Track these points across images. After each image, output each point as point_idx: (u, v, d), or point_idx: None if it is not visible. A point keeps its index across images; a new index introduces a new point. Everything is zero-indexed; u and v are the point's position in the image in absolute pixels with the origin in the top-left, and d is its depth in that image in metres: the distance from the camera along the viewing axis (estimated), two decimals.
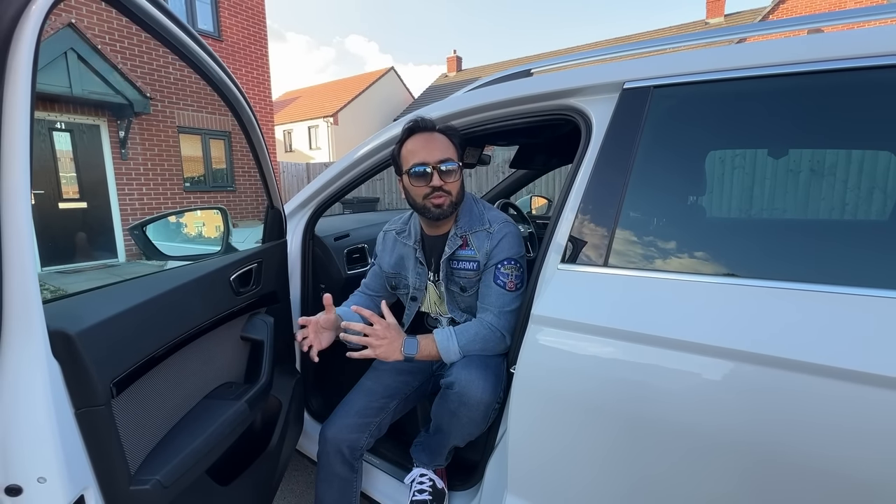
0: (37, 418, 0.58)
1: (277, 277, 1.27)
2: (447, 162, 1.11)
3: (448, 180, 1.11)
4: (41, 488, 0.58)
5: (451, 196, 1.13)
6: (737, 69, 0.82)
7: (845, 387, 0.62)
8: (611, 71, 0.98)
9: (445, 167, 1.10)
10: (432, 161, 1.10)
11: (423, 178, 1.11)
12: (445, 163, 1.11)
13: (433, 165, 1.10)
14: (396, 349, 1.06)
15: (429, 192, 1.11)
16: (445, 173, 1.11)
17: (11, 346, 0.55)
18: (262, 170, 1.17)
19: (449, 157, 1.12)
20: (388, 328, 1.07)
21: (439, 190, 1.11)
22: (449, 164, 1.11)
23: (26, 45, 0.48)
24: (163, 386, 0.85)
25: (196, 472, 0.86)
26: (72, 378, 0.62)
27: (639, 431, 0.78)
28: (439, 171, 1.10)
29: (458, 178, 1.14)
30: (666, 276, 0.81)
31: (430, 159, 1.10)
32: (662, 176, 0.91)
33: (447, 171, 1.11)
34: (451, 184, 1.12)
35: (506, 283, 1.11)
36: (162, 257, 1.27)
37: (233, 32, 7.85)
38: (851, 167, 0.85)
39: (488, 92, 1.16)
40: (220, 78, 0.94)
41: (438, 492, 1.18)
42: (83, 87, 5.64)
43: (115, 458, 0.68)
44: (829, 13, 0.92)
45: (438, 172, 1.10)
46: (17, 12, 0.47)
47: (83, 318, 0.65)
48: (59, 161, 5.95)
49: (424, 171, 1.10)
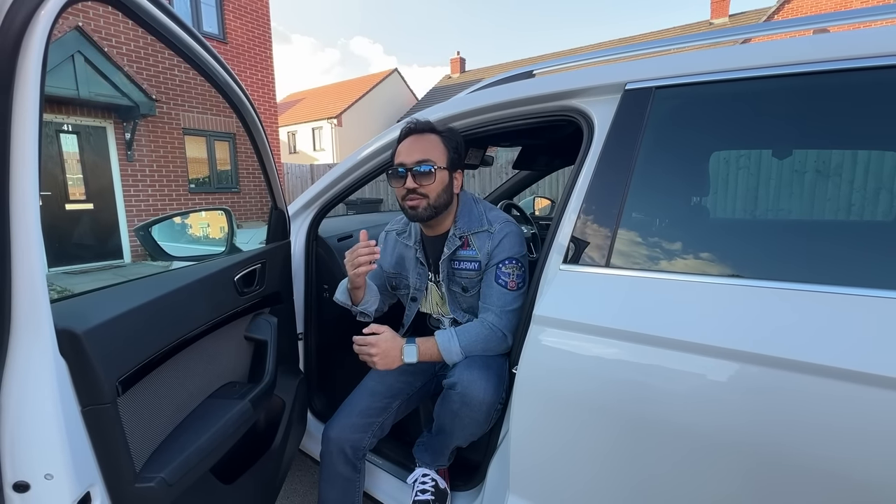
0: (44, 416, 0.58)
1: (281, 278, 1.28)
2: (423, 164, 1.09)
3: (422, 182, 1.09)
4: (48, 485, 0.59)
5: (428, 199, 1.11)
6: (739, 70, 0.82)
7: (850, 388, 0.62)
8: (613, 72, 0.98)
9: (420, 169, 1.09)
10: (409, 162, 1.10)
11: (398, 178, 1.11)
12: (421, 164, 1.09)
13: (408, 167, 1.10)
14: (395, 358, 1.08)
15: (405, 194, 1.11)
16: (419, 175, 1.09)
17: (20, 345, 0.56)
18: (266, 171, 1.18)
19: (427, 160, 1.09)
20: (379, 341, 1.07)
21: (413, 192, 1.10)
22: (424, 166, 1.09)
23: (35, 49, 0.49)
24: (167, 385, 0.86)
25: (200, 471, 0.86)
26: (78, 376, 0.63)
27: (640, 432, 0.78)
28: (413, 172, 1.09)
29: (434, 181, 1.10)
30: (668, 276, 0.81)
31: (407, 161, 1.10)
32: (664, 177, 0.91)
33: (421, 174, 1.09)
34: (426, 186, 1.09)
35: (507, 283, 1.11)
36: (167, 258, 1.28)
37: (237, 35, 7.90)
38: (857, 168, 0.85)
39: (491, 93, 1.17)
40: (225, 80, 0.95)
41: (441, 492, 1.18)
42: (90, 90, 5.70)
43: (120, 455, 0.69)
44: (835, 13, 0.91)
45: (412, 174, 1.09)
46: (27, 17, 0.48)
47: (90, 317, 0.66)
48: (65, 163, 6.01)
49: (398, 173, 1.11)
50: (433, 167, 1.10)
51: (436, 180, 1.10)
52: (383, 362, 1.07)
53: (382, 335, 1.09)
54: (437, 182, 1.11)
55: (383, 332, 1.09)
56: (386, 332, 1.09)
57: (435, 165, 1.10)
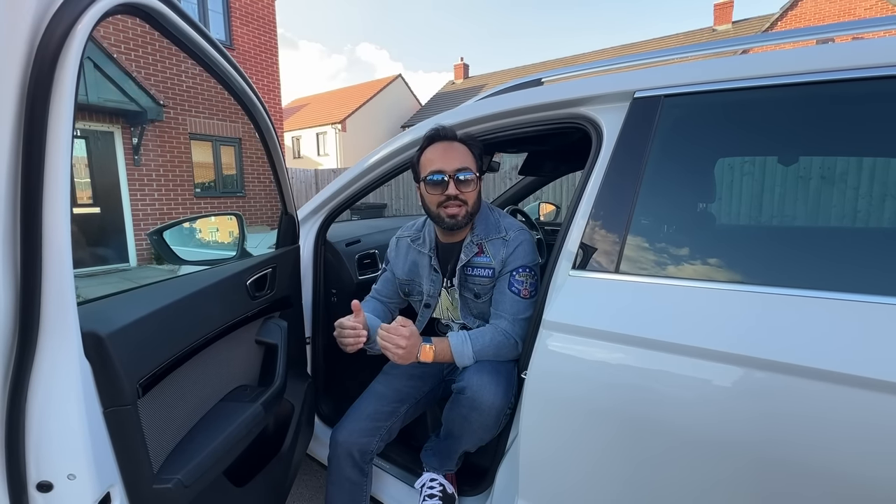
0: (69, 417, 0.60)
1: (291, 282, 1.30)
2: (464, 171, 1.12)
3: (464, 189, 1.12)
4: (71, 485, 0.60)
5: (467, 206, 1.13)
6: (747, 78, 0.84)
7: (857, 394, 0.62)
8: (621, 80, 0.99)
9: (462, 176, 1.11)
10: (449, 170, 1.11)
11: (439, 186, 1.12)
12: (462, 172, 1.11)
13: (450, 174, 1.11)
14: (414, 352, 1.08)
15: (443, 201, 1.12)
16: (462, 182, 1.11)
17: (48, 346, 0.58)
18: (278, 177, 1.20)
19: (466, 167, 1.12)
20: (411, 336, 1.07)
21: (455, 199, 1.11)
22: (466, 173, 1.12)
23: (72, 60, 0.51)
24: (183, 387, 0.87)
25: (214, 473, 0.87)
26: (101, 378, 0.64)
27: (650, 437, 0.78)
28: (456, 180, 1.11)
29: (474, 189, 1.14)
30: (677, 282, 0.81)
31: (446, 168, 1.11)
32: (673, 184, 0.92)
33: (464, 181, 1.12)
34: (467, 193, 1.12)
35: (520, 291, 1.12)
36: (179, 262, 1.30)
37: (244, 41, 8.00)
38: (863, 175, 0.86)
39: (500, 101, 1.18)
40: (242, 87, 0.97)
41: (449, 497, 1.18)
42: (98, 95, 5.77)
43: (139, 456, 0.70)
44: (839, 24, 0.93)
45: (455, 181, 1.11)
46: (66, 30, 0.50)
47: (113, 320, 0.68)
48: (73, 167, 6.07)
49: (441, 180, 1.11)
50: (474, 174, 1.13)
51: (475, 187, 1.14)
52: (403, 357, 1.06)
53: (411, 328, 1.08)
54: (475, 189, 1.14)
55: (411, 327, 1.08)
56: (412, 326, 1.09)
57: (474, 173, 1.13)
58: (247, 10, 7.99)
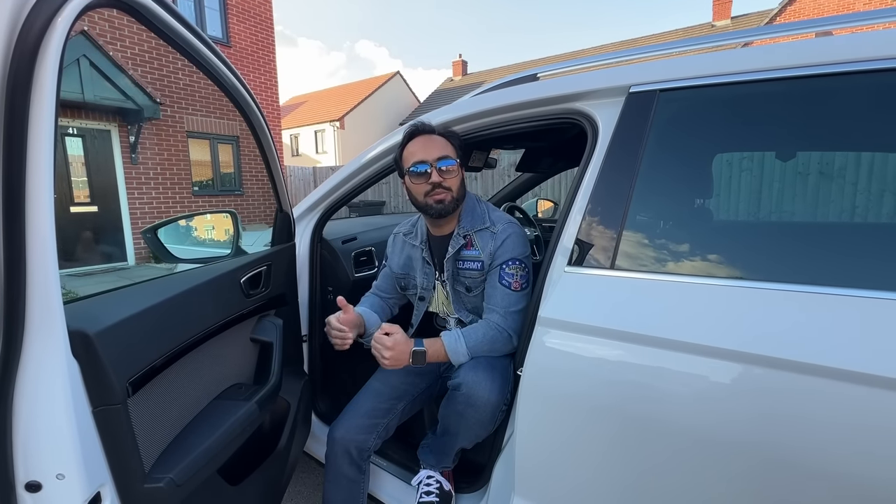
0: (57, 416, 0.59)
1: (286, 280, 1.29)
2: (445, 160, 1.14)
3: (447, 177, 1.14)
4: (60, 485, 0.60)
5: (452, 192, 1.15)
6: (743, 72, 0.83)
7: (855, 390, 0.62)
8: (617, 75, 0.98)
9: (444, 165, 1.14)
10: (430, 159, 1.13)
11: (423, 175, 1.14)
12: (443, 161, 1.14)
13: (431, 163, 1.13)
14: (404, 359, 1.08)
15: (429, 190, 1.14)
16: (444, 171, 1.14)
17: (34, 346, 0.57)
18: (272, 174, 1.19)
19: (447, 155, 1.15)
20: (394, 343, 1.07)
21: (439, 187, 1.13)
22: (447, 161, 1.14)
23: (53, 53, 0.50)
24: (176, 386, 0.87)
25: (207, 472, 0.87)
26: (90, 377, 0.63)
27: (646, 433, 0.78)
28: (438, 168, 1.13)
29: (457, 175, 1.16)
30: (673, 278, 0.81)
31: (428, 157, 1.14)
32: (669, 179, 0.92)
33: (446, 170, 1.14)
34: (450, 180, 1.14)
35: (511, 284, 1.12)
36: (174, 260, 1.29)
37: (241, 39, 7.96)
38: (861, 170, 0.85)
39: (495, 96, 1.17)
40: (232, 84, 0.96)
41: (445, 494, 1.18)
42: (95, 93, 5.74)
43: (130, 456, 0.70)
44: (838, 16, 0.92)
45: (437, 170, 1.13)
46: (45, 22, 0.49)
47: (101, 318, 0.67)
48: (70, 165, 6.05)
49: (424, 171, 1.14)
50: (455, 162, 1.16)
51: (457, 174, 1.16)
52: (393, 362, 1.07)
53: (395, 336, 1.08)
54: (457, 176, 1.17)
55: (396, 334, 1.09)
56: (398, 333, 1.09)
57: (455, 160, 1.16)
58: (243, 7, 7.95)
